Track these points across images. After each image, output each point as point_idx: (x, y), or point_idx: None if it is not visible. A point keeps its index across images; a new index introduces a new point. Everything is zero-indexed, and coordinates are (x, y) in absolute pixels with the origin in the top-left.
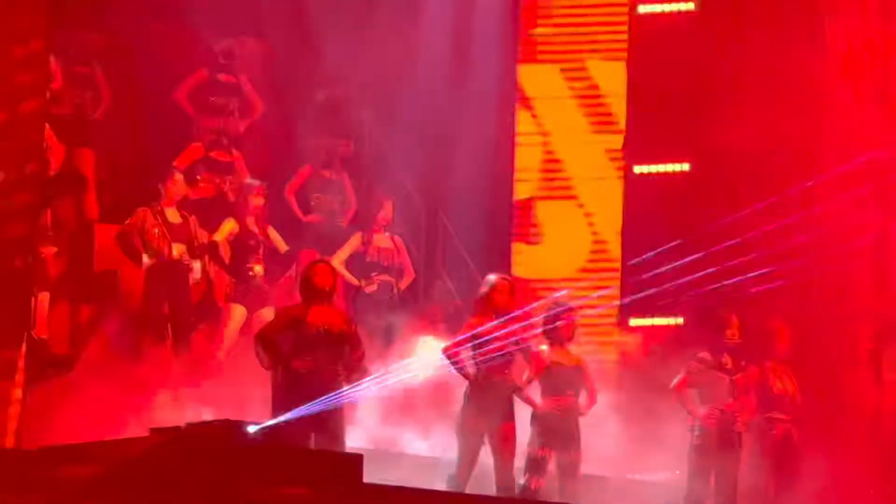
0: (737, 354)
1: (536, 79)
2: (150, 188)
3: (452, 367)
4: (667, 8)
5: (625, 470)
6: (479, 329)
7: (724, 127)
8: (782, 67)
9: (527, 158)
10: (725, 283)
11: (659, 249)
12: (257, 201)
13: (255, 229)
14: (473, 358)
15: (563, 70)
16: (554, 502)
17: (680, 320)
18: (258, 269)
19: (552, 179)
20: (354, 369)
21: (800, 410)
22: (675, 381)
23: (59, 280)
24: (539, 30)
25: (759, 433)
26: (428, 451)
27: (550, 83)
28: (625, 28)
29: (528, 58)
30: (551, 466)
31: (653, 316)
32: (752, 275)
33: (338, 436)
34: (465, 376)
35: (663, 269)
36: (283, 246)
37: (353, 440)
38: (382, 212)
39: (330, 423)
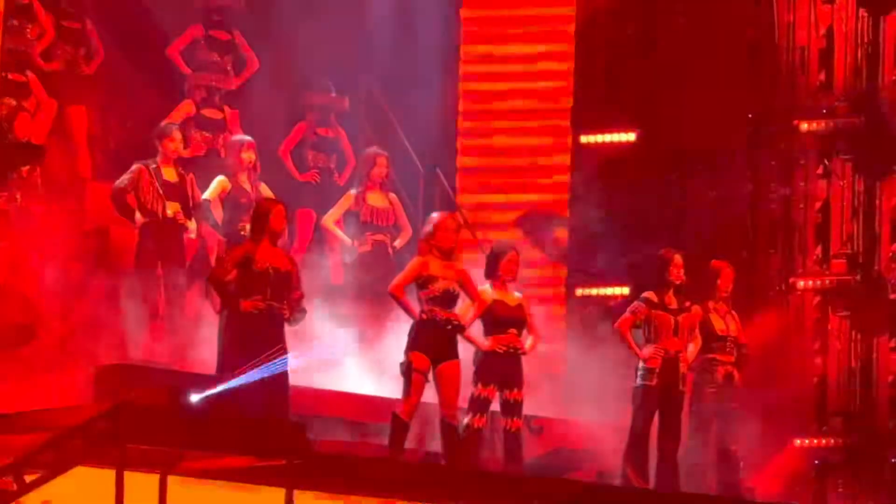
0: (681, 294)
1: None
2: (144, 146)
3: (398, 305)
4: None
5: (568, 411)
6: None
7: (670, 97)
8: (727, 37)
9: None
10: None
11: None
12: (248, 156)
13: (248, 187)
14: (418, 296)
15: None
16: None
17: (626, 290)
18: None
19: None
20: (296, 309)
21: (743, 352)
22: (619, 320)
23: (51, 239)
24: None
25: (701, 374)
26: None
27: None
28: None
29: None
30: (494, 405)
31: (599, 286)
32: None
33: (284, 400)
34: (410, 314)
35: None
36: None
37: (299, 379)
38: (376, 168)
39: (274, 386)
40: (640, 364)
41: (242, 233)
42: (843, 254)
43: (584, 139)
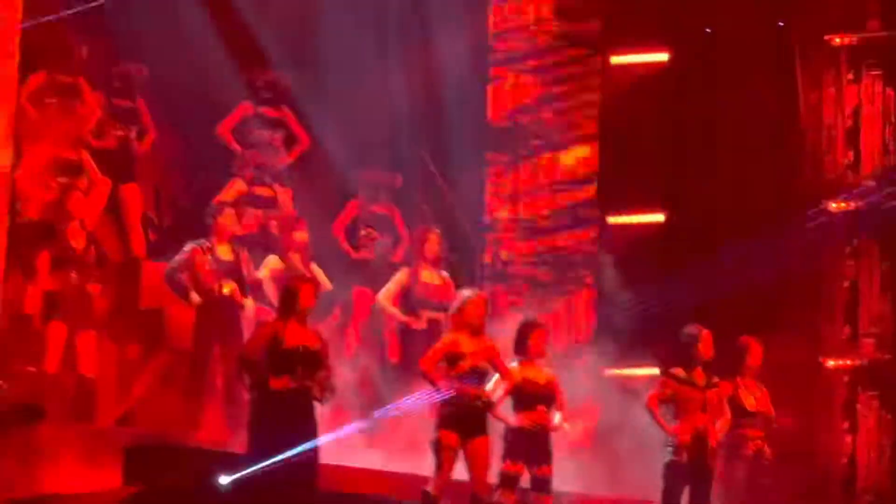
0: (709, 370)
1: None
2: (197, 225)
3: (427, 382)
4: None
5: (599, 488)
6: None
7: (697, 176)
8: (754, 117)
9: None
10: None
11: None
12: (300, 236)
13: (300, 265)
14: (448, 373)
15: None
16: None
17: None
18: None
19: None
20: (325, 388)
21: (772, 427)
22: (647, 396)
23: (106, 317)
24: None
25: (731, 450)
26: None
27: None
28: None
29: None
30: (523, 482)
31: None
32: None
33: (313, 482)
34: (440, 391)
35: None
36: (327, 283)
37: (329, 456)
38: (428, 245)
39: (304, 464)
40: (669, 440)
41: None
42: (872, 333)
43: (611, 220)
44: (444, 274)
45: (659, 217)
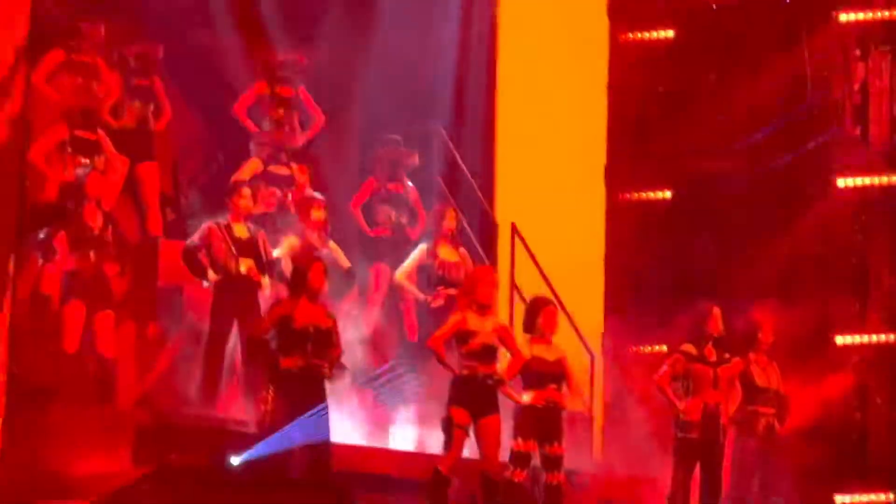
0: (720, 346)
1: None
2: (214, 204)
3: (437, 361)
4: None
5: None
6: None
7: (705, 153)
8: (761, 93)
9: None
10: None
11: None
12: (318, 215)
13: (318, 244)
14: (458, 351)
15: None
16: None
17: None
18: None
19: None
20: (336, 366)
21: (783, 402)
22: (658, 373)
23: (124, 298)
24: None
25: (742, 426)
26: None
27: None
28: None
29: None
30: (535, 460)
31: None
32: None
33: (325, 461)
34: (449, 370)
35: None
36: (345, 261)
37: (341, 435)
38: (446, 221)
39: (316, 446)
40: (680, 417)
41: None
42: (882, 309)
43: (618, 197)
44: (463, 250)
45: (666, 194)
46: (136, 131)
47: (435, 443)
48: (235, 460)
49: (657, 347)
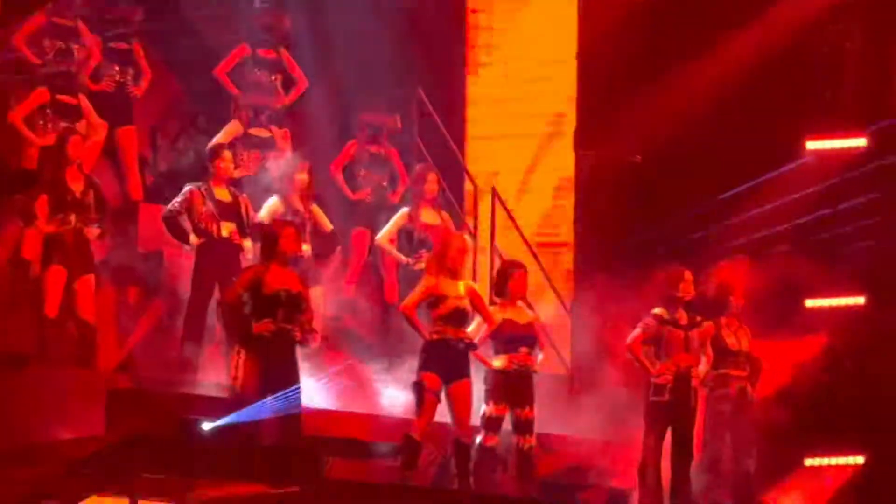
0: (691, 310)
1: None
2: (194, 167)
3: (408, 325)
4: None
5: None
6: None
7: (677, 115)
8: (735, 56)
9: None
10: None
11: None
12: (302, 177)
13: (301, 207)
14: (429, 315)
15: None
16: None
17: None
18: (305, 248)
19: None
20: (307, 331)
21: (755, 365)
22: (630, 337)
23: (104, 262)
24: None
25: (714, 389)
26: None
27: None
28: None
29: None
30: (506, 424)
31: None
32: None
33: (296, 426)
34: (421, 334)
35: None
36: (327, 224)
37: (310, 399)
38: (427, 185)
39: (288, 413)
40: (652, 380)
41: (299, 254)
42: (850, 272)
43: (588, 160)
44: (445, 214)
45: (636, 157)
46: (114, 95)
47: (407, 407)
48: (206, 426)
49: (628, 311)
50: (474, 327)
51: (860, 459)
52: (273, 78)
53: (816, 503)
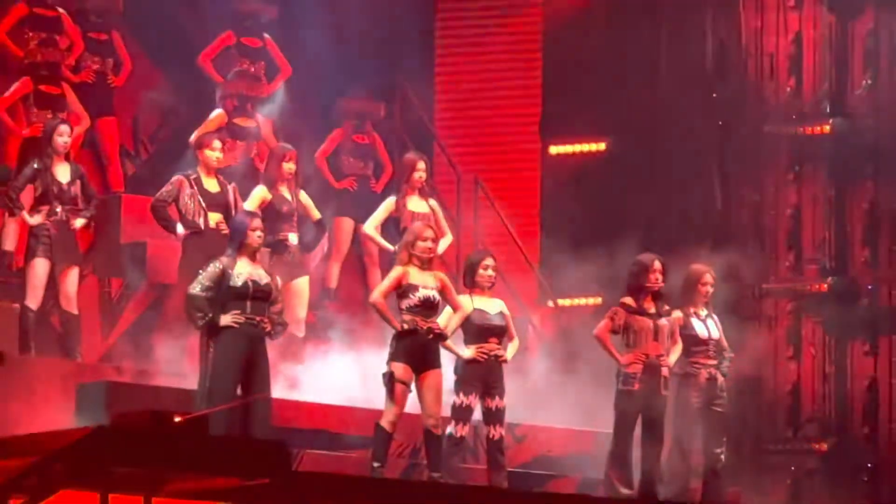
0: (659, 299)
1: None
2: (176, 158)
3: (379, 316)
4: None
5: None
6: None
7: (639, 103)
8: (696, 43)
9: None
10: None
11: None
12: (289, 166)
13: (289, 196)
14: (399, 305)
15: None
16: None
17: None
18: (292, 237)
19: None
20: (276, 323)
21: (725, 354)
22: (597, 327)
23: (87, 253)
24: None
25: (684, 378)
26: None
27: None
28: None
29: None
30: (476, 414)
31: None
32: None
33: (266, 418)
34: (391, 325)
35: None
36: (315, 213)
37: (279, 391)
38: (416, 173)
39: (258, 405)
40: (621, 370)
41: (285, 242)
42: (816, 259)
43: (553, 150)
44: (433, 202)
45: (601, 145)
46: (95, 86)
47: (377, 397)
48: (177, 419)
49: (595, 300)
50: (444, 318)
51: (824, 446)
52: (256, 66)
53: (779, 491)
